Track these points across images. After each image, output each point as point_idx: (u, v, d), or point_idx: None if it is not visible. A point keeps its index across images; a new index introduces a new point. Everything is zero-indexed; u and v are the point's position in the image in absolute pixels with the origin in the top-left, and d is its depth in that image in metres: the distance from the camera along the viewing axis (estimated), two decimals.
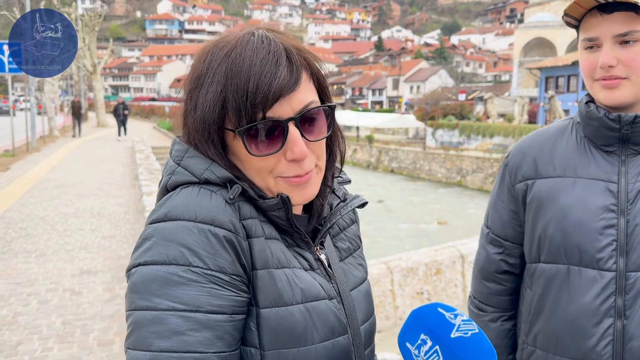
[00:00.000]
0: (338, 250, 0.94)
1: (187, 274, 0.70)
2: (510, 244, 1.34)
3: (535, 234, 1.25)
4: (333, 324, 0.81)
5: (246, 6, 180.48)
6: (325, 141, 0.85)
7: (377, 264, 4.15)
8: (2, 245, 6.65)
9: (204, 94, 0.77)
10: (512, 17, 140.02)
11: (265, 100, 0.74)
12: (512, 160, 1.33)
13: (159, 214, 0.74)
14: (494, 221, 1.37)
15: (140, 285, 0.71)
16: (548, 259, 1.23)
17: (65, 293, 5.03)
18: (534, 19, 43.43)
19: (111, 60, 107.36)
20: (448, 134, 33.82)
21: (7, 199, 9.64)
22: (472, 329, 0.71)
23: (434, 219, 18.00)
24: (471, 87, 54.58)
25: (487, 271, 1.38)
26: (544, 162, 1.27)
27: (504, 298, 1.38)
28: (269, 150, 0.76)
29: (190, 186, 0.76)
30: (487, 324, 1.39)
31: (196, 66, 0.80)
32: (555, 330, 1.22)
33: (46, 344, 3.96)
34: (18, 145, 17.96)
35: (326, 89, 0.84)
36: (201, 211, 0.72)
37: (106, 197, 10.07)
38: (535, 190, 1.26)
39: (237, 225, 0.74)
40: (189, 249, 0.70)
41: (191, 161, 0.78)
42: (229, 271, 0.72)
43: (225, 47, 0.77)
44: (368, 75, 79.46)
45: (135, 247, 0.75)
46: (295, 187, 0.80)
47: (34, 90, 20.77)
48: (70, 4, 55.34)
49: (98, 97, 34.93)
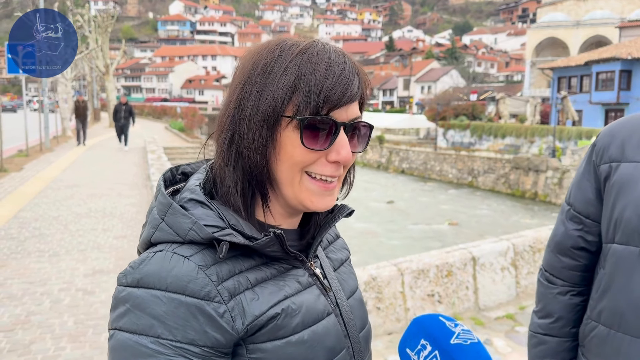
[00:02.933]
0: (331, 260, 0.96)
1: (155, 345, 0.70)
2: (590, 221, 1.36)
3: (613, 215, 1.27)
4: (333, 344, 0.82)
5: (257, 7, 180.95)
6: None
7: (388, 265, 4.13)
8: (15, 244, 6.72)
9: (275, 79, 0.78)
10: (524, 16, 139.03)
11: (338, 100, 0.77)
12: (601, 141, 1.35)
13: (133, 278, 0.74)
14: (577, 198, 1.39)
15: (114, 352, 0.73)
16: (622, 240, 1.25)
17: (77, 293, 5.07)
18: (546, 19, 43.11)
19: (124, 61, 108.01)
20: (459, 134, 33.68)
21: (21, 199, 9.74)
22: (471, 338, 0.71)
23: (445, 219, 17.93)
24: (483, 87, 54.29)
25: (563, 246, 1.42)
26: (631, 146, 1.28)
27: (576, 273, 1.41)
28: (319, 146, 0.78)
29: (165, 250, 0.75)
30: (556, 297, 1.43)
31: (262, 56, 0.81)
32: (620, 308, 1.25)
33: (59, 343, 3.99)
34: (32, 146, 18.15)
35: (363, 112, 0.88)
36: (172, 280, 0.72)
37: (118, 197, 10.14)
38: (619, 173, 1.28)
39: (212, 292, 0.73)
40: (158, 321, 0.70)
41: (174, 219, 0.77)
42: (199, 343, 0.71)
43: (297, 46, 0.80)
44: (379, 76, 79.34)
45: (111, 305, 0.76)
46: (320, 191, 0.81)
47: (47, 91, 20.95)
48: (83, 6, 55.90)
49: (110, 98, 35.20)
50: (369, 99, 0.88)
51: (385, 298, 3.95)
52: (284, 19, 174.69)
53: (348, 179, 0.92)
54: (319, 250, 0.94)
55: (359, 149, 0.85)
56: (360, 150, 0.85)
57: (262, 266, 0.80)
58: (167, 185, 0.87)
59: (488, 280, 4.55)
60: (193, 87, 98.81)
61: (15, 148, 18.19)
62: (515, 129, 30.02)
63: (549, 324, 1.44)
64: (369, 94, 0.87)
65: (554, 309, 1.43)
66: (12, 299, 4.84)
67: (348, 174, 0.91)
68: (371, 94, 0.89)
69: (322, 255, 0.94)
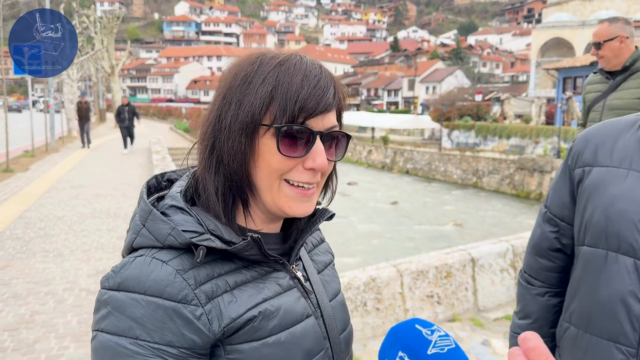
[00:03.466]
0: (315, 263, 0.99)
1: (134, 346, 0.73)
2: (565, 224, 1.39)
3: (584, 218, 1.30)
4: (311, 346, 0.85)
5: (262, 7, 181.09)
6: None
7: (387, 267, 4.16)
8: (20, 244, 6.79)
9: (254, 90, 0.81)
10: (529, 17, 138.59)
11: (313, 109, 0.81)
12: (576, 146, 1.39)
13: (114, 282, 0.77)
14: (553, 201, 1.43)
15: (96, 352, 0.76)
16: (590, 242, 1.28)
17: (81, 292, 5.12)
18: (552, 19, 42.97)
19: (129, 62, 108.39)
20: (464, 135, 33.61)
21: (26, 199, 9.83)
22: (448, 345, 0.72)
23: (450, 220, 17.90)
24: (488, 88, 54.14)
25: (540, 247, 1.45)
26: (604, 151, 1.31)
27: (553, 275, 1.44)
28: (295, 154, 0.81)
29: (144, 255, 0.78)
30: (535, 297, 1.46)
31: (241, 69, 0.84)
32: (588, 310, 1.28)
33: (62, 342, 4.04)
34: (37, 146, 18.26)
35: (341, 122, 0.91)
36: (151, 284, 0.75)
37: (123, 197, 10.20)
38: (591, 177, 1.31)
39: (189, 295, 0.76)
40: (137, 323, 0.74)
41: (154, 225, 0.80)
42: (176, 344, 0.74)
43: (276, 58, 0.83)
44: (383, 76, 79.25)
45: (94, 308, 0.79)
46: (298, 197, 0.84)
47: (53, 92, 21.06)
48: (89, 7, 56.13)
49: (116, 98, 35.32)
50: (346, 109, 0.91)
51: (385, 299, 3.98)
52: (289, 19, 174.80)
53: (331, 186, 0.95)
54: (303, 253, 0.97)
55: (336, 157, 0.88)
56: (338, 159, 0.89)
57: (242, 269, 0.83)
58: (153, 192, 0.90)
59: (487, 281, 4.57)
60: (198, 88, 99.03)
61: (21, 148, 18.31)
62: (520, 129, 29.93)
63: (528, 325, 1.47)
64: (346, 105, 0.91)
65: (533, 309, 1.46)
66: (17, 299, 4.90)
67: (330, 181, 0.94)
68: (347, 105, 0.92)
69: (306, 258, 0.97)
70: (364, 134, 42.21)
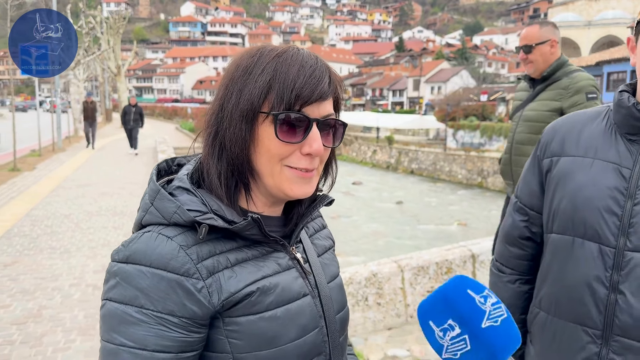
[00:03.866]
0: (316, 247, 1.05)
1: (139, 314, 0.79)
2: (534, 213, 1.43)
3: (552, 207, 1.35)
4: (306, 322, 0.90)
5: (267, 8, 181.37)
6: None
7: (388, 262, 4.21)
8: (28, 241, 6.88)
9: (253, 80, 0.87)
10: (535, 17, 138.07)
11: (308, 97, 0.86)
12: (545, 137, 1.43)
13: (123, 255, 0.83)
14: (523, 191, 1.47)
15: (104, 319, 0.82)
16: (558, 229, 1.32)
17: (87, 288, 5.20)
18: (557, 19, 42.82)
19: (135, 62, 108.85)
20: (469, 135, 33.58)
21: (34, 198, 9.93)
22: (501, 314, 0.67)
23: (454, 220, 17.91)
24: (493, 88, 54.00)
25: (511, 236, 1.49)
26: (570, 141, 1.36)
27: (523, 262, 1.48)
28: (292, 139, 0.87)
29: (151, 231, 0.84)
30: (506, 284, 1.50)
31: (242, 60, 0.91)
32: (556, 295, 1.33)
33: (69, 336, 4.12)
34: (44, 145, 18.41)
35: (339, 111, 0.97)
36: (156, 257, 0.81)
37: (129, 196, 10.30)
38: (558, 166, 1.35)
39: (191, 269, 0.81)
40: (142, 292, 0.79)
41: (161, 204, 0.86)
42: (178, 314, 0.80)
43: (274, 51, 0.89)
44: (389, 76, 79.21)
45: (105, 278, 0.85)
46: (299, 180, 0.89)
47: (59, 92, 21.21)
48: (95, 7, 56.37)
49: (122, 99, 35.50)
50: (343, 99, 0.97)
51: (386, 294, 4.04)
52: (294, 19, 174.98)
53: (331, 173, 1.00)
54: (304, 237, 1.02)
55: (333, 144, 0.93)
56: (335, 145, 0.94)
57: (244, 248, 0.89)
58: (163, 175, 0.97)
59: (488, 277, 4.61)
60: (204, 88, 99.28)
61: (28, 148, 18.46)
62: None
63: None
64: (342, 95, 0.96)
65: (504, 297, 1.49)
66: (25, 294, 4.99)
67: (330, 168, 0.99)
68: (344, 95, 0.98)
69: (307, 242, 1.02)
70: (368, 134, 42.20)
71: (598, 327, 1.25)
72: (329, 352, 0.95)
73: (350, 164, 33.65)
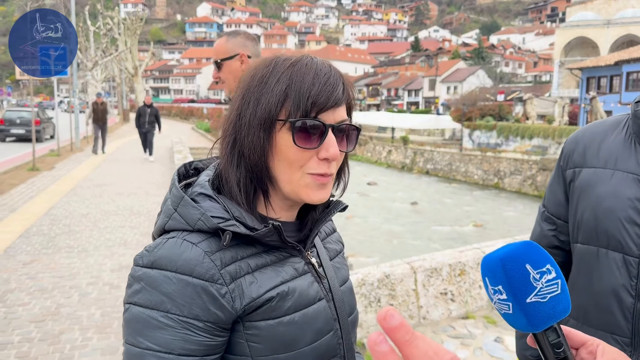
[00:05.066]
0: (328, 251, 1.07)
1: (165, 319, 0.81)
2: (562, 222, 1.45)
3: (576, 217, 1.37)
4: (321, 326, 0.93)
5: (283, 8, 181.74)
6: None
7: (401, 264, 4.22)
8: (47, 240, 7.00)
9: (269, 89, 0.89)
10: (553, 16, 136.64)
11: (324, 104, 0.88)
12: (567, 147, 1.45)
13: (148, 260, 0.85)
14: (549, 201, 1.49)
15: (129, 323, 0.84)
16: (583, 240, 1.34)
17: (104, 287, 5.28)
18: (575, 18, 42.35)
19: (152, 63, 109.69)
20: (485, 135, 33.33)
21: (53, 197, 10.09)
22: (554, 291, 0.67)
23: (470, 221, 17.80)
24: (510, 88, 53.60)
25: (539, 244, 1.49)
26: (591, 152, 1.37)
27: None
28: (310, 145, 0.89)
29: (176, 237, 0.86)
30: None
31: (258, 71, 0.93)
32: (584, 303, 1.34)
33: (86, 334, 4.19)
34: (63, 145, 18.67)
35: (351, 116, 0.99)
36: (182, 263, 0.83)
37: (145, 195, 10.42)
38: (581, 178, 1.37)
39: (216, 275, 0.84)
40: (168, 298, 0.81)
41: (185, 210, 0.88)
42: (203, 318, 0.82)
43: (289, 60, 0.92)
44: (404, 76, 78.90)
45: (127, 283, 0.87)
46: (317, 185, 0.92)
47: (77, 92, 21.49)
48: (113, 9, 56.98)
49: (139, 99, 35.87)
50: (355, 105, 0.99)
51: (399, 295, 4.04)
52: (310, 20, 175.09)
53: (343, 178, 1.02)
54: (317, 241, 1.05)
55: (348, 148, 0.96)
56: (349, 150, 0.96)
57: (262, 253, 0.91)
58: (181, 179, 0.99)
59: None
60: (220, 89, 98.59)
61: (47, 148, 18.75)
62: (543, 130, 29.58)
63: None
64: (355, 102, 0.99)
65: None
66: (43, 292, 5.08)
67: (342, 173, 1.02)
68: (356, 101, 1.00)
69: (320, 246, 1.05)
70: (383, 134, 42.09)
71: (626, 335, 1.26)
72: (343, 354, 0.97)
73: (365, 164, 33.59)
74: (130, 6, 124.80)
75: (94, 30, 35.04)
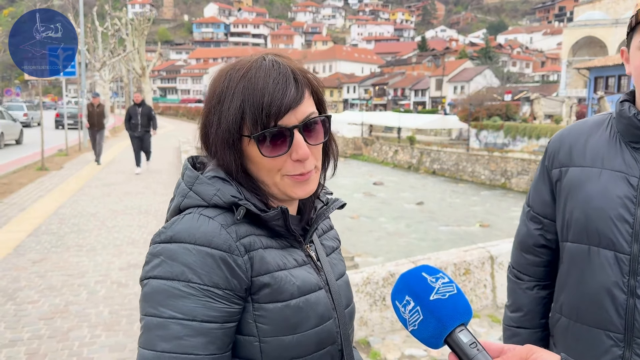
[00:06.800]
0: (324, 247, 1.11)
1: (187, 288, 0.85)
2: (548, 221, 1.46)
3: (565, 216, 1.38)
4: (322, 312, 0.97)
5: (290, 8, 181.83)
6: (323, 146, 1.01)
7: (406, 263, 4.24)
8: (56, 239, 7.07)
9: (227, 108, 0.93)
10: (560, 15, 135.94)
11: (278, 112, 0.91)
12: (551, 147, 1.46)
13: (166, 236, 0.89)
14: (535, 200, 1.50)
15: (149, 295, 0.87)
16: (573, 239, 1.36)
17: (113, 285, 5.34)
18: (583, 17, 42.14)
19: (159, 63, 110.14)
20: (492, 135, 33.22)
21: (61, 196, 10.18)
22: (450, 291, 0.76)
23: (476, 221, 17.76)
24: (517, 88, 53.33)
25: (526, 244, 1.52)
26: (577, 151, 1.39)
27: (539, 269, 1.51)
28: (278, 152, 0.92)
29: (192, 213, 0.91)
30: (524, 291, 1.53)
31: (216, 86, 0.96)
32: (576, 301, 1.36)
33: (94, 331, 4.24)
34: (71, 145, 18.80)
35: (323, 103, 1.01)
36: (200, 235, 0.87)
37: (153, 195, 10.49)
38: (568, 177, 1.38)
39: (232, 246, 0.88)
40: (189, 268, 0.85)
41: (201, 187, 0.93)
42: (222, 286, 0.86)
43: (241, 70, 0.94)
44: (411, 76, 78.74)
45: (145, 261, 0.91)
46: (298, 183, 0.96)
47: (85, 92, 21.63)
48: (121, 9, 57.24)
49: (147, 99, 36.01)
50: (319, 89, 0.99)
51: None
52: (317, 20, 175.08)
53: (332, 158, 1.06)
54: (314, 237, 1.09)
55: (320, 140, 0.98)
56: (322, 141, 0.98)
57: (270, 237, 0.96)
58: None
59: (506, 279, 4.60)
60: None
61: (55, 147, 18.88)
62: (550, 129, 29.44)
63: (520, 317, 1.54)
64: (318, 86, 0.99)
65: (523, 303, 1.53)
66: (52, 290, 5.14)
67: (330, 151, 1.04)
68: (320, 85, 1.00)
69: (317, 242, 1.09)
70: (390, 134, 42.05)
71: (620, 331, 1.28)
72: (340, 342, 1.01)
73: (371, 164, 33.60)
74: (138, 7, 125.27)
75: (102, 30, 35.24)
